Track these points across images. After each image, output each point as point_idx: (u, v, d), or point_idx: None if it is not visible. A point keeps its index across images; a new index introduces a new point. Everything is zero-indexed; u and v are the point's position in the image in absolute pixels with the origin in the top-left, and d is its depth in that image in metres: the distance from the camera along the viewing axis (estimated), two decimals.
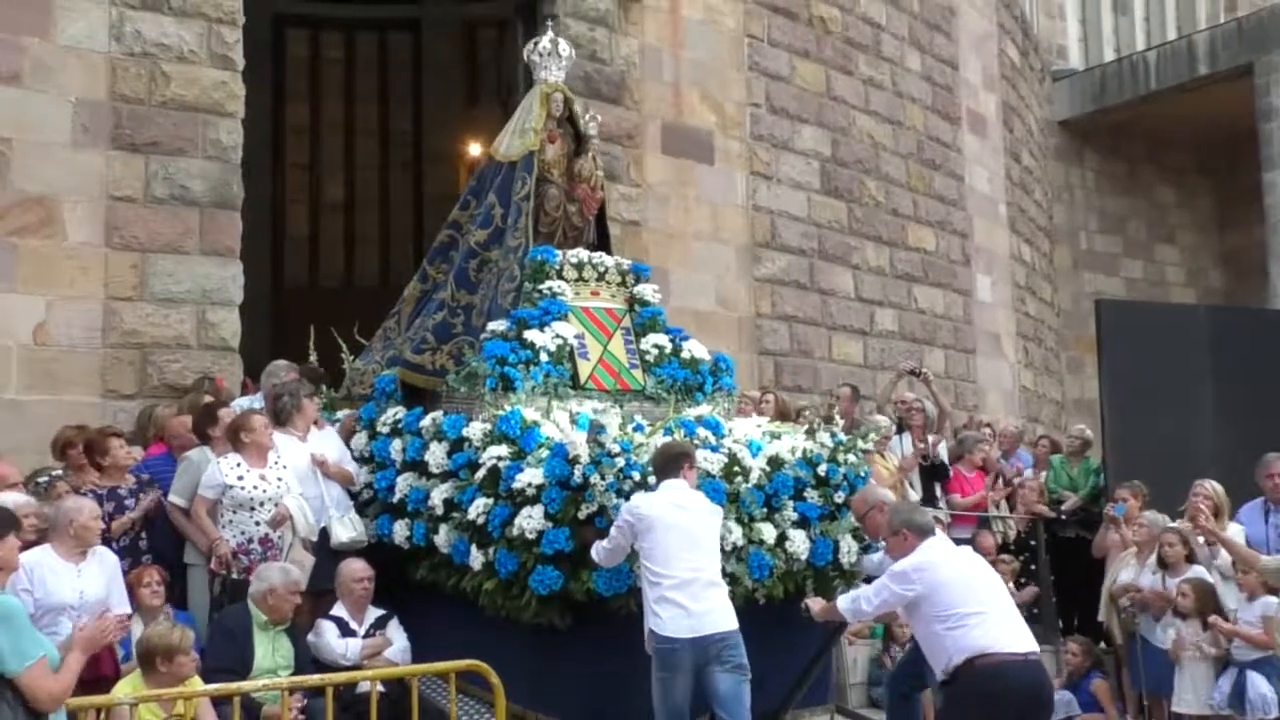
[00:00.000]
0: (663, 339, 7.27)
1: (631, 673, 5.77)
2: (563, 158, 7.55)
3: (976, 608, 5.12)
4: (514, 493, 6.01)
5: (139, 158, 8.59)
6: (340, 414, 8.02)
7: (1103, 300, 12.56)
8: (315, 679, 5.71)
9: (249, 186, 9.28)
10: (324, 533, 7.11)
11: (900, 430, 9.65)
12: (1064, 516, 9.87)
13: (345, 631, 6.71)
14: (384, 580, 6.97)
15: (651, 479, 5.93)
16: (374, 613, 6.87)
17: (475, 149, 15.56)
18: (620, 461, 5.92)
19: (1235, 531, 8.24)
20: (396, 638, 6.82)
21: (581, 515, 5.86)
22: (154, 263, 8.59)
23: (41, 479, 6.74)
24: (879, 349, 13.06)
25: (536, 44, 7.84)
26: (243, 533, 6.69)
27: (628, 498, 5.79)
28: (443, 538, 6.49)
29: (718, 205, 11.84)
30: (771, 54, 12.45)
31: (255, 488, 6.75)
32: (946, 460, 9.78)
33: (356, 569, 6.89)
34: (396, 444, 7.06)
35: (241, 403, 7.90)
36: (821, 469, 6.61)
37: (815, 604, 5.87)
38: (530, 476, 5.97)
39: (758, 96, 12.29)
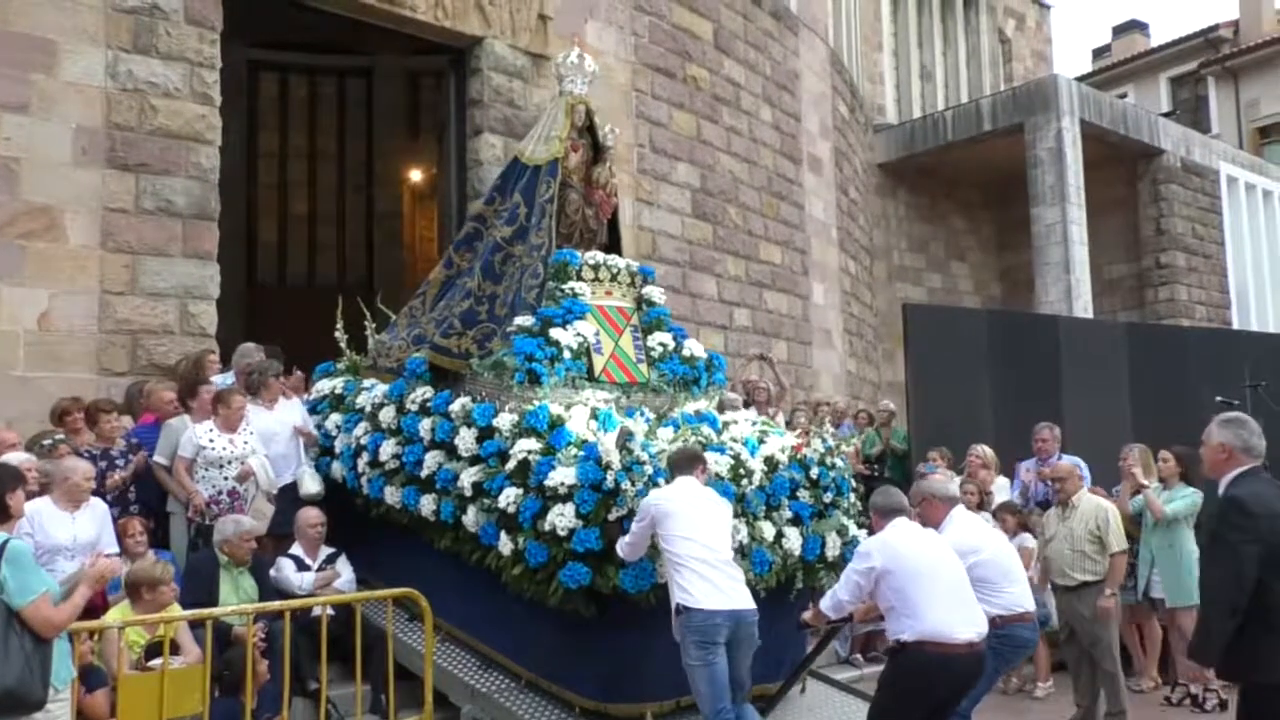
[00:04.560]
0: (666, 337, 6.62)
1: (647, 652, 5.21)
2: (582, 165, 6.84)
3: (930, 589, 4.53)
4: (545, 488, 5.31)
5: (130, 176, 8.22)
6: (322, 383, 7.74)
7: (909, 304, 12.83)
8: (276, 605, 5.58)
9: (226, 201, 8.93)
10: (291, 486, 6.97)
11: (748, 404, 9.72)
12: (875, 473, 10.06)
13: (301, 566, 6.58)
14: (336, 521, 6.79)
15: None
16: (325, 551, 6.74)
17: (415, 174, 15.36)
18: (649, 469, 5.26)
19: (1001, 486, 8.47)
20: (344, 571, 6.70)
21: (611, 517, 5.18)
22: (143, 263, 8.25)
23: (45, 441, 6.49)
24: (736, 340, 13.13)
25: (565, 57, 7.01)
26: (214, 486, 6.54)
27: None
28: (471, 518, 5.76)
29: None
30: (654, 105, 12.43)
31: (225, 449, 6.58)
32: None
33: (312, 516, 6.76)
34: (426, 423, 6.24)
35: (217, 379, 7.67)
36: (813, 472, 6.03)
37: (808, 614, 5.18)
38: (563, 476, 5.26)
39: (643, 139, 12.25)
